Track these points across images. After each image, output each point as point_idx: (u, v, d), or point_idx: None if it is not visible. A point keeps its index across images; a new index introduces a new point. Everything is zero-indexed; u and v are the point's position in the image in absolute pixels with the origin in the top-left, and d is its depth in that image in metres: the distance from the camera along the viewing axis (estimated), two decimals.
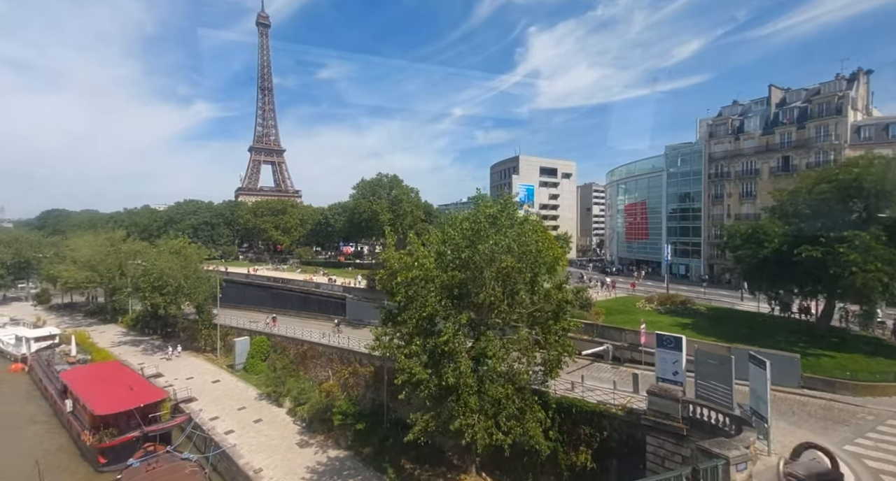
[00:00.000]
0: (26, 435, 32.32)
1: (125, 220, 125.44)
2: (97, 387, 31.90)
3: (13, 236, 79.72)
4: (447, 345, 18.60)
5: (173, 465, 24.48)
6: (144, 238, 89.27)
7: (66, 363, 41.19)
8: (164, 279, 44.71)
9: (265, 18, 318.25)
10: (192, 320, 50.62)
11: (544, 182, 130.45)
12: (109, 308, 64.66)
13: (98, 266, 58.61)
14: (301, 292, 51.40)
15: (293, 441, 27.79)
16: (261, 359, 40.59)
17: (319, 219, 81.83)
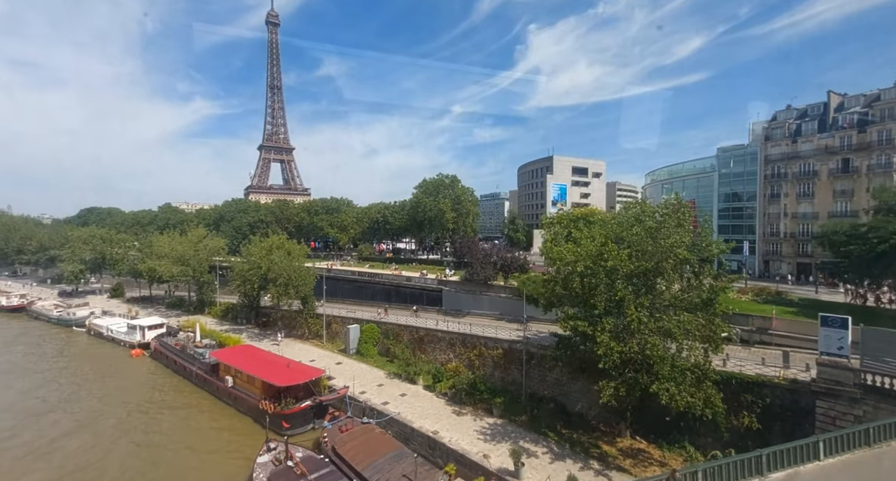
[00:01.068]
0: (189, 408, 36.42)
1: (171, 218, 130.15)
2: (260, 365, 36.05)
3: (89, 233, 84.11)
4: (634, 324, 22.31)
5: (362, 427, 28.41)
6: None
7: (195, 347, 45.42)
8: (276, 272, 48.72)
9: (275, 17, 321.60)
10: (287, 310, 54.72)
11: (576, 181, 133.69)
12: (195, 300, 69.05)
13: (190, 260, 62.91)
14: (390, 285, 55.33)
15: (446, 411, 31.62)
16: (372, 345, 44.52)
17: (377, 216, 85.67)
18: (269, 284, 48.65)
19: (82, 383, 41.69)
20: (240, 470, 26.83)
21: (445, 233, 74.71)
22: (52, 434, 31.18)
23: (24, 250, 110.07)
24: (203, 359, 41.68)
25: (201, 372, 40.47)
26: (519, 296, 42.31)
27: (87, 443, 29.83)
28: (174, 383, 42.08)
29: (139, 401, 37.18)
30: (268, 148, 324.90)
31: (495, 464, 24.37)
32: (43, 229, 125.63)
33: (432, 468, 24.49)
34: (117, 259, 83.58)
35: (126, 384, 42.30)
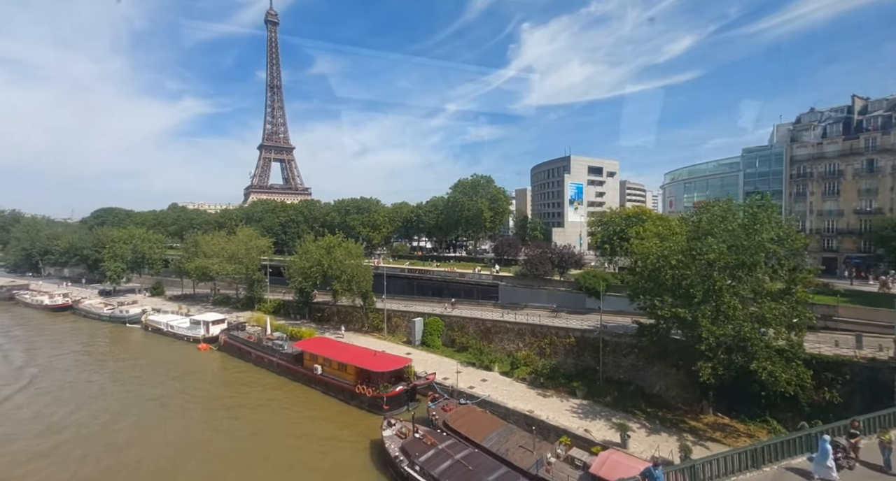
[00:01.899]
0: (279, 394, 38.90)
1: (196, 219, 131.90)
2: (347, 354, 38.66)
3: (129, 234, 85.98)
4: (730, 311, 25.14)
5: (464, 407, 31.05)
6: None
7: (270, 339, 47.89)
8: (339, 269, 51.23)
9: (274, 16, 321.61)
10: (343, 305, 57.24)
11: (591, 180, 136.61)
12: (241, 297, 71.34)
13: (244, 259, 65.24)
14: (442, 281, 57.99)
15: (531, 394, 34.37)
16: (437, 336, 47.17)
17: (409, 216, 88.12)
18: (334, 281, 51.05)
19: (170, 381, 42.53)
20: (353, 445, 29.44)
21: (483, 231, 77.37)
22: (173, 433, 31.51)
23: (51, 250, 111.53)
24: (283, 350, 44.22)
25: (283, 361, 43.00)
26: (578, 288, 45.18)
27: (209, 440, 30.48)
28: (253, 373, 44.40)
29: (230, 393, 39.48)
30: (268, 147, 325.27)
31: (599, 437, 27.16)
32: (66, 229, 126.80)
33: (542, 440, 27.17)
34: (155, 258, 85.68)
35: (208, 376, 44.65)
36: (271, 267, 70.22)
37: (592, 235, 51.55)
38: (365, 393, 34.52)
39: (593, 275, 43.35)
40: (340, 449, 29.20)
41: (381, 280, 53.93)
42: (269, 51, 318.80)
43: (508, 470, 23.43)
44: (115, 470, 26.59)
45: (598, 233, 49.56)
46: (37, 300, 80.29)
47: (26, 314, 75.63)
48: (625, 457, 22.67)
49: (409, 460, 24.90)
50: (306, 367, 40.55)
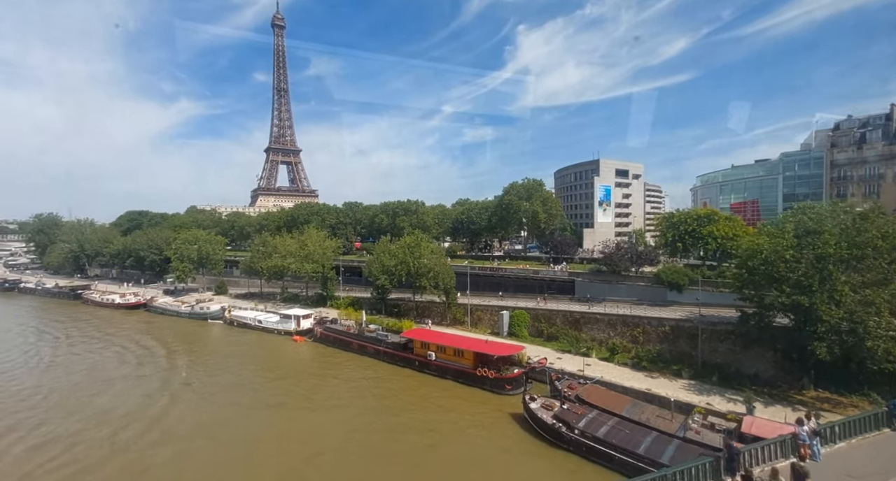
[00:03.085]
0: (395, 381, 42.85)
1: (238, 220, 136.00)
2: (459, 342, 42.73)
3: (193, 235, 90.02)
4: (844, 298, 29.24)
5: (589, 385, 35.03)
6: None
7: (370, 330, 51.93)
8: (426, 267, 55.31)
9: (280, 20, 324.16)
10: (421, 301, 61.33)
11: (618, 182, 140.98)
12: (311, 295, 75.33)
13: (320, 259, 69.36)
14: (515, 277, 62.08)
15: (638, 375, 38.35)
16: (524, 327, 51.16)
17: (460, 217, 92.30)
18: (421, 278, 54.99)
19: (295, 375, 44.24)
20: (497, 417, 33.41)
21: (537, 231, 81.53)
22: (363, 417, 33.92)
23: (101, 252, 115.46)
24: (387, 339, 48.26)
25: (390, 350, 47.00)
26: (659, 283, 49.27)
27: (395, 419, 33.42)
28: (360, 360, 48.15)
29: (364, 377, 42.92)
30: (275, 150, 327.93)
31: (724, 409, 31.19)
32: (110, 233, 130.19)
33: (671, 412, 31.14)
34: (217, 259, 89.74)
35: (329, 366, 48.15)
36: (343, 267, 74.46)
37: (661, 234, 55.55)
38: (487, 375, 38.50)
39: (674, 270, 47.45)
40: (489, 420, 33.19)
41: (458, 277, 57.83)
42: (275, 54, 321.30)
43: (659, 434, 27.42)
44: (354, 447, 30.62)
45: (667, 233, 53.65)
46: (107, 299, 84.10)
47: (101, 313, 79.14)
48: (766, 421, 26.69)
49: (567, 426, 28.87)
50: (417, 354, 44.51)
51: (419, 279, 55.48)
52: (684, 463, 14.64)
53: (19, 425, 32.65)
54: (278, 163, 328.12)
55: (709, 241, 48.98)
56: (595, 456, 26.88)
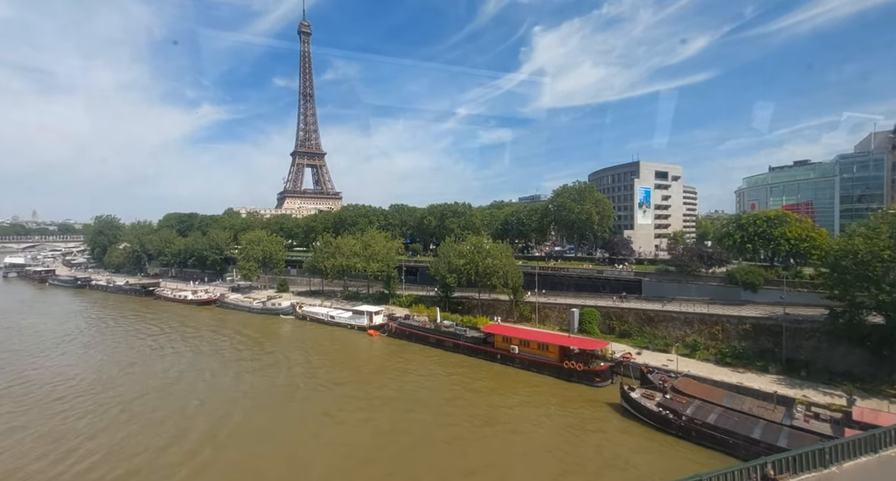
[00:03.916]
0: (482, 374, 45.56)
1: (286, 222, 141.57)
2: (543, 336, 45.18)
3: (257, 237, 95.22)
4: None
5: (681, 378, 36.93)
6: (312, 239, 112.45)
7: (443, 327, 54.85)
8: (495, 267, 57.98)
9: (307, 26, 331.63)
10: (485, 299, 64.01)
11: (658, 184, 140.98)
12: (372, 293, 78.94)
13: (385, 258, 72.95)
14: (578, 277, 64.15)
15: (723, 370, 39.90)
16: (595, 325, 53.16)
17: (509, 219, 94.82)
18: (492, 276, 57.59)
19: (395, 372, 45.78)
20: (595, 406, 35.69)
21: (590, 233, 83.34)
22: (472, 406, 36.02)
23: (164, 252, 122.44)
24: (466, 334, 51.11)
25: (469, 344, 49.79)
26: (732, 283, 50.56)
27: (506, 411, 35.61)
28: (440, 353, 51.06)
29: (451, 372, 45.39)
30: (301, 153, 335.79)
31: (820, 402, 32.66)
32: (169, 234, 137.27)
33: (772, 404, 32.77)
34: (278, 258, 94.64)
35: (404, 362, 51.50)
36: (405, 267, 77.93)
37: (727, 235, 56.66)
38: (575, 368, 40.81)
39: (749, 271, 48.69)
40: (587, 408, 35.57)
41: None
42: (302, 60, 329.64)
43: (768, 422, 29.20)
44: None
45: (735, 234, 54.84)
46: (180, 295, 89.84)
47: (175, 308, 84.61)
48: (875, 411, 28.21)
49: (674, 413, 30.94)
50: (499, 348, 47.17)
51: (490, 278, 58.09)
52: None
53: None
54: (304, 166, 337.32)
55: (781, 243, 50.02)
56: (707, 440, 28.87)
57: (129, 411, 35.71)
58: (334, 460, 28.16)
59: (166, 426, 32.79)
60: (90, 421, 33.70)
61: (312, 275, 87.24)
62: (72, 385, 41.83)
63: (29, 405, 36.91)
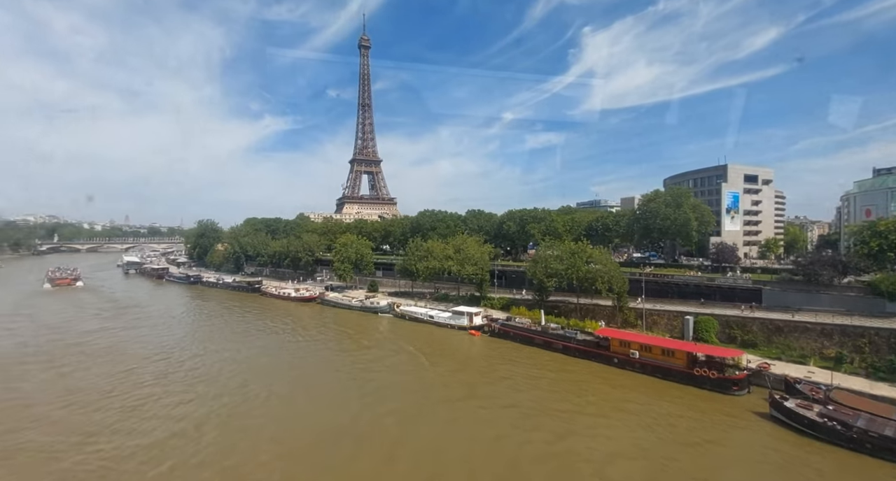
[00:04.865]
0: (601, 374, 46.06)
1: (365, 227, 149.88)
2: (666, 342, 45.00)
3: (349, 239, 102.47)
4: None
5: (837, 389, 35.27)
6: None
7: (547, 329, 56.04)
8: (598, 272, 58.28)
9: (366, 41, 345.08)
10: (583, 303, 64.18)
11: (747, 189, 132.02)
12: (467, 295, 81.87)
13: (479, 261, 75.68)
14: (684, 284, 62.58)
15: (880, 385, 37.47)
16: (713, 333, 51.55)
17: (595, 224, 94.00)
18: (596, 281, 57.84)
19: (523, 376, 45.33)
20: (739, 415, 35.04)
21: (680, 240, 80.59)
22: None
23: (261, 253, 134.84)
24: (576, 337, 51.90)
25: (581, 346, 50.48)
26: (876, 293, 47.00)
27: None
28: (549, 355, 52.05)
29: (575, 376, 45.87)
30: (359, 161, 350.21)
31: None
32: (265, 237, 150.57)
33: None
34: (368, 260, 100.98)
35: (525, 360, 53.35)
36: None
37: (862, 243, 52.56)
38: (708, 375, 40.18)
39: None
40: (734, 417, 35.08)
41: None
42: (361, 73, 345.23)
43: None
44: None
45: (871, 241, 50.83)
46: (283, 292, 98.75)
47: (282, 304, 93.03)
48: None
49: (843, 425, 29.79)
50: (615, 352, 47.41)
51: (594, 282, 58.43)
52: None
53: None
54: (361, 173, 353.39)
55: None
56: (887, 454, 27.62)
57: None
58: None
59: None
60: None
61: (402, 277, 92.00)
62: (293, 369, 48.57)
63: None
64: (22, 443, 30.10)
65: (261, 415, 34.89)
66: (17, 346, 55.27)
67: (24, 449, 29.34)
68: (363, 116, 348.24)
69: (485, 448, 29.95)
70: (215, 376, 44.64)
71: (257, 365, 49.00)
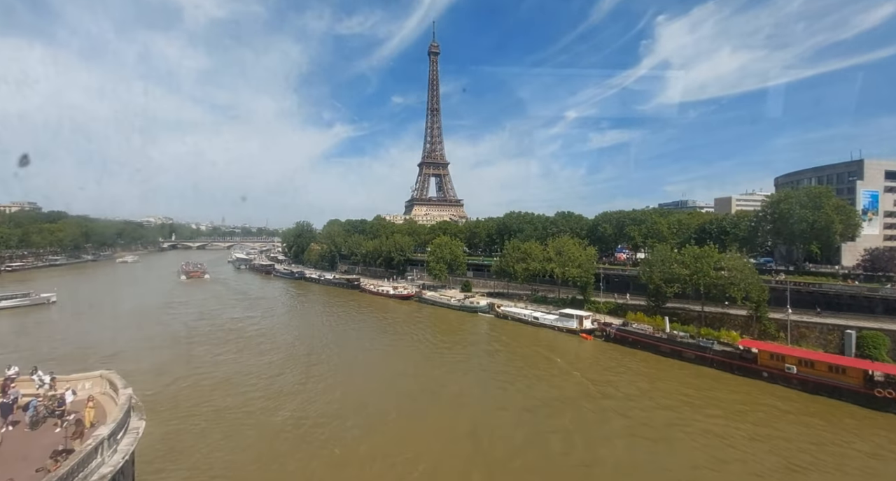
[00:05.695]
0: (756, 389, 42.73)
1: (450, 228, 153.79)
2: (833, 359, 40.87)
3: (443, 241, 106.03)
4: None
5: None
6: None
7: (674, 337, 53.29)
8: (731, 278, 54.18)
9: (436, 47, 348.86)
10: (707, 311, 59.95)
11: (889, 187, 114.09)
12: (568, 297, 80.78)
13: (584, 263, 74.30)
14: (835, 294, 56.19)
15: None
16: (882, 351, 45.50)
17: (708, 226, 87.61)
18: (731, 288, 53.78)
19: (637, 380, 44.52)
20: None
21: (827, 245, 72.21)
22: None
23: (355, 253, 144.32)
24: (713, 346, 48.79)
25: (720, 357, 47.29)
26: None
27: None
28: (678, 365, 49.42)
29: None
30: (427, 164, 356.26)
31: None
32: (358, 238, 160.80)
33: None
34: (461, 261, 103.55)
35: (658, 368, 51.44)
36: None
37: None
38: (894, 398, 35.66)
39: None
40: None
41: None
42: (430, 79, 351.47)
43: None
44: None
45: None
46: (381, 290, 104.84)
47: (381, 301, 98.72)
48: None
49: None
50: (765, 365, 43.73)
51: (726, 290, 54.51)
52: None
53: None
54: (429, 176, 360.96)
55: None
56: None
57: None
58: None
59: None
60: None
61: (498, 278, 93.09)
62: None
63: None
64: (228, 407, 35.78)
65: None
66: (190, 331, 64.96)
67: (231, 412, 34.85)
68: (431, 120, 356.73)
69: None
70: (380, 373, 47.54)
71: (420, 373, 47.87)
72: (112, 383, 18.43)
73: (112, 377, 18.67)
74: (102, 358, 46.56)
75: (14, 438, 15.37)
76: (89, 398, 17.06)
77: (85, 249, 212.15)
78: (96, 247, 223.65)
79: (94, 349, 51.67)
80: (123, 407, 15.67)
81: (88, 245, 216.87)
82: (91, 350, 51.03)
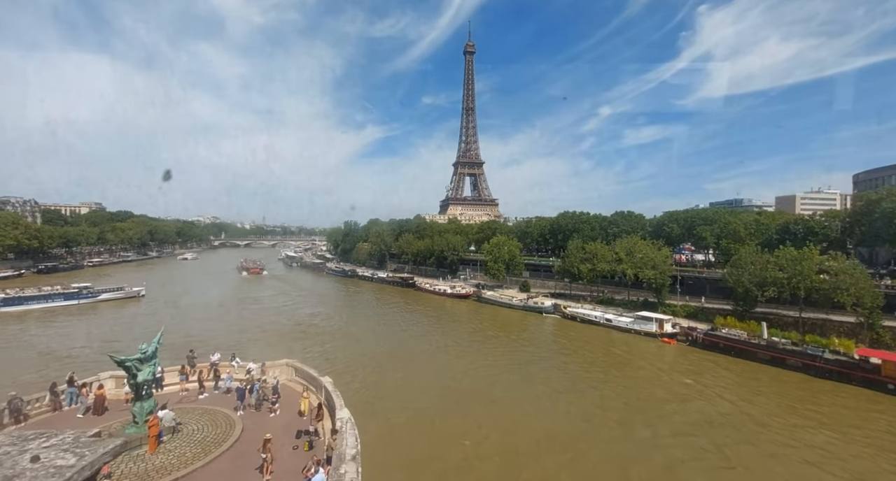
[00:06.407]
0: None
1: (500, 227, 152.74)
2: None
3: (500, 240, 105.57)
4: None
5: None
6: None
7: (774, 344, 50.18)
8: (837, 283, 50.51)
9: (471, 46, 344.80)
10: (807, 317, 56.12)
11: None
12: (639, 300, 78.23)
13: (660, 266, 71.67)
14: None
15: None
16: None
17: (791, 226, 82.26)
18: (842, 294, 50.09)
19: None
20: None
21: None
22: None
23: (405, 252, 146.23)
24: (823, 354, 45.58)
25: (834, 367, 44.05)
26: None
27: None
28: (774, 372, 46.44)
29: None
30: (462, 163, 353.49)
31: None
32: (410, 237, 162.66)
33: None
34: (518, 261, 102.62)
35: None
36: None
37: None
38: None
39: None
40: None
41: None
42: (465, 78, 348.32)
43: None
44: None
45: None
46: (438, 289, 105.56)
47: (437, 300, 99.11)
48: None
49: None
50: (891, 376, 40.42)
51: (831, 294, 50.90)
52: None
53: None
54: (465, 175, 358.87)
55: None
56: None
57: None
58: None
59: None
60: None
61: (560, 278, 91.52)
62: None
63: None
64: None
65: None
66: (280, 327, 67.38)
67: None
68: (467, 120, 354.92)
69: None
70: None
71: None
72: (297, 370, 19.38)
73: (298, 365, 19.64)
74: (229, 348, 47.25)
75: (249, 419, 16.49)
76: (304, 388, 18.07)
77: (150, 246, 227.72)
78: (158, 245, 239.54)
79: (215, 340, 53.96)
80: (338, 394, 16.45)
81: (153, 242, 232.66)
82: (212, 341, 53.46)
